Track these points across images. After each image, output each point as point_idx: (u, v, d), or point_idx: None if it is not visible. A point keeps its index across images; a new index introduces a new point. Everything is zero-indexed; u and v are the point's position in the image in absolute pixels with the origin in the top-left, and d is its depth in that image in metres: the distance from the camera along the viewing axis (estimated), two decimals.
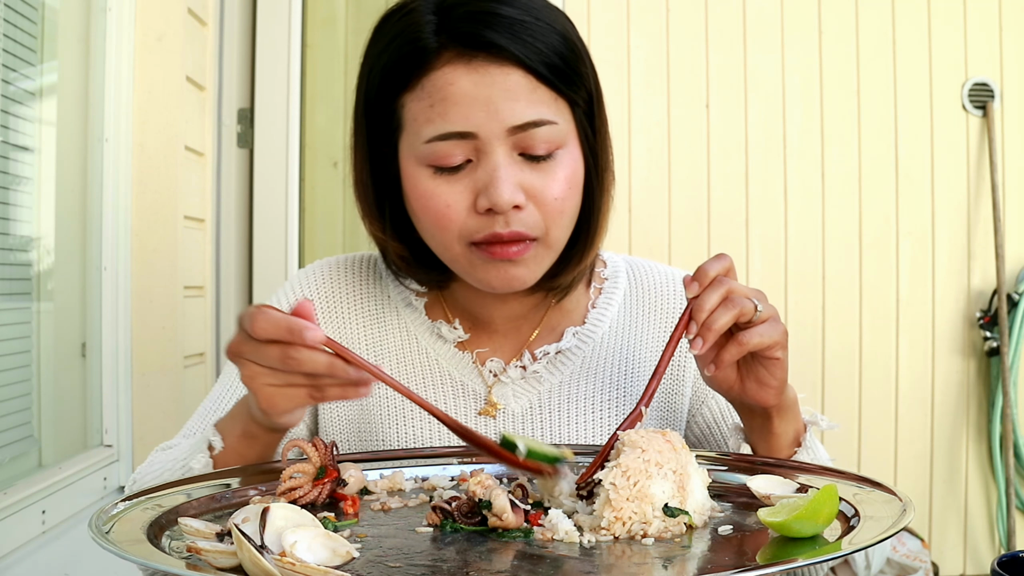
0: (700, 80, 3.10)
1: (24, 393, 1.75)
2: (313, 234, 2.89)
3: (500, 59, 0.99)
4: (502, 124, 0.99)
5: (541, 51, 1.00)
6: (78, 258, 1.98)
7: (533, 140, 1.01)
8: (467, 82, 0.99)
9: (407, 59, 1.01)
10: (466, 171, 1.02)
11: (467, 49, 0.99)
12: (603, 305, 1.20)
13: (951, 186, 3.15)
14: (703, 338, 0.93)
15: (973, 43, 3.14)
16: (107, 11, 2.01)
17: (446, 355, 1.16)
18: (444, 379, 1.16)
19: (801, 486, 0.88)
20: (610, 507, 0.79)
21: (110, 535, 0.74)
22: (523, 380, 1.15)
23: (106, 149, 2.00)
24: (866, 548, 0.70)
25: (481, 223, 1.02)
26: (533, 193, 1.02)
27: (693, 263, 3.45)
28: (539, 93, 1.01)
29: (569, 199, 1.04)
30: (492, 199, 0.99)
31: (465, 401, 1.15)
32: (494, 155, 1.00)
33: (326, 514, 0.84)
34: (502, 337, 1.18)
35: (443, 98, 0.99)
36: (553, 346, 1.16)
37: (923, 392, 3.15)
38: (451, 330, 1.16)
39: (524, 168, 1.02)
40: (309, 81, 2.87)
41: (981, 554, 3.17)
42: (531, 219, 1.02)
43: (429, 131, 1.00)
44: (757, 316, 0.95)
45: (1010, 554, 0.80)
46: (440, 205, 1.02)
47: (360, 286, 1.20)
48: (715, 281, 0.95)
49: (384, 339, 1.18)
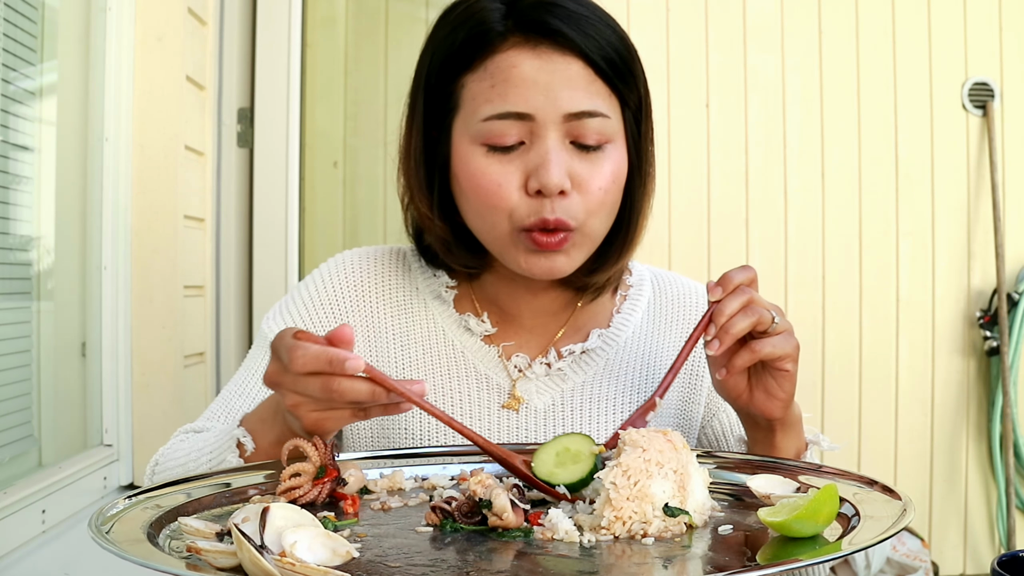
0: (700, 80, 3.10)
1: (24, 393, 1.75)
2: (313, 234, 2.89)
3: (563, 48, 1.04)
4: (559, 109, 1.03)
5: (601, 46, 1.05)
6: (78, 258, 1.98)
7: (585, 130, 1.05)
8: (529, 66, 1.04)
9: (473, 41, 1.06)
10: (518, 152, 1.05)
11: (533, 35, 1.04)
12: (628, 311, 1.23)
13: (951, 186, 3.15)
14: (720, 340, 0.97)
15: (973, 43, 3.14)
16: (107, 11, 2.01)
17: (472, 348, 1.18)
18: (469, 371, 1.17)
19: (801, 486, 0.88)
20: (610, 506, 0.79)
21: (110, 535, 0.74)
22: (547, 377, 1.17)
23: (106, 149, 2.00)
24: (866, 548, 0.70)
25: (531, 207, 1.05)
26: (579, 181, 1.05)
27: (693, 263, 3.43)
28: (596, 86, 1.05)
29: (611, 193, 1.07)
30: (542, 180, 1.03)
31: (489, 394, 1.16)
32: (548, 139, 1.04)
33: (326, 514, 0.84)
34: (528, 333, 1.19)
35: (505, 79, 1.04)
36: (579, 345, 1.18)
37: (923, 392, 3.15)
38: (479, 323, 1.18)
39: (573, 156, 1.05)
40: (309, 81, 2.87)
41: (981, 554, 3.17)
42: (574, 207, 1.05)
43: (487, 110, 1.04)
44: (773, 327, 0.99)
45: (1010, 554, 0.80)
46: (491, 183, 1.05)
47: (389, 276, 1.21)
48: (738, 289, 0.99)
49: (411, 330, 1.19)
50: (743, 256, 3.11)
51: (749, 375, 1.03)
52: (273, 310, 1.23)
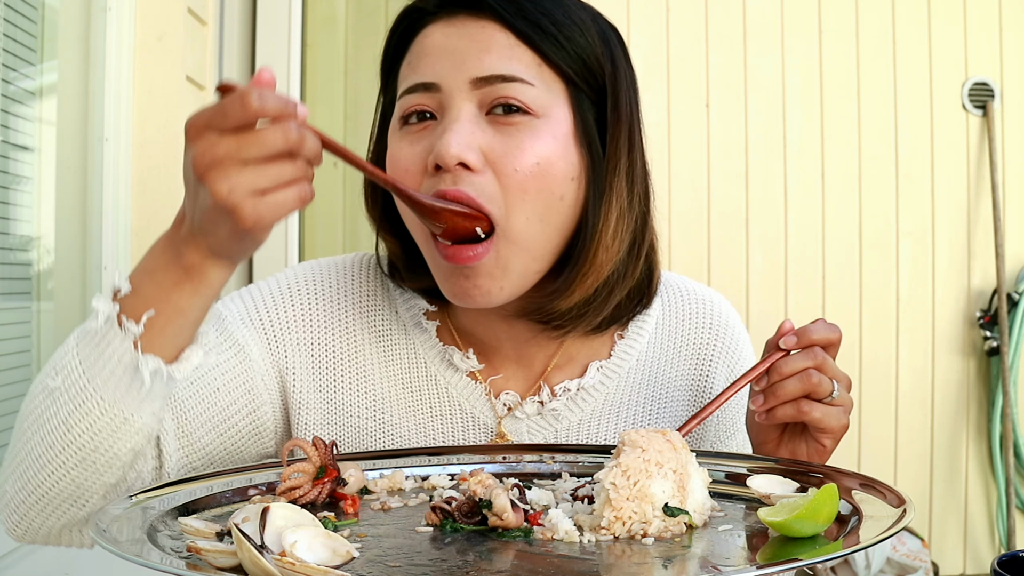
0: (700, 80, 3.10)
1: (24, 393, 1.75)
2: (313, 234, 2.89)
3: (479, 13, 0.95)
4: (466, 74, 0.93)
5: (527, 10, 0.95)
6: (78, 258, 1.98)
7: (499, 95, 0.93)
8: (440, 35, 0.96)
9: (407, 29, 1.00)
10: (428, 130, 0.95)
11: (452, 8, 0.96)
12: (633, 335, 1.10)
13: (951, 186, 3.15)
14: (766, 399, 0.93)
15: (973, 43, 3.14)
16: (107, 11, 2.01)
17: (457, 384, 1.06)
18: (454, 410, 1.06)
19: (801, 486, 0.88)
20: (610, 507, 0.79)
21: (110, 535, 0.74)
22: (539, 416, 1.06)
23: (106, 149, 2.01)
24: (866, 548, 0.70)
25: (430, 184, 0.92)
26: (492, 159, 0.92)
27: (693, 263, 3.42)
28: (517, 51, 0.94)
29: (535, 178, 0.92)
30: (437, 150, 0.91)
31: (476, 435, 1.06)
32: (453, 108, 0.93)
33: (326, 514, 0.84)
34: (514, 365, 1.07)
35: (418, 52, 0.97)
36: (575, 382, 1.06)
37: (923, 392, 3.15)
38: (464, 358, 1.06)
39: (488, 130, 0.93)
40: (309, 81, 2.87)
41: (981, 554, 3.17)
42: (488, 188, 0.92)
43: (401, 88, 0.97)
44: (830, 399, 0.94)
45: (1010, 554, 0.80)
46: (398, 171, 0.94)
47: (368, 298, 1.08)
48: (812, 348, 0.93)
49: (391, 360, 1.07)
50: (743, 255, 3.11)
51: (785, 427, 0.99)
52: (231, 295, 1.08)
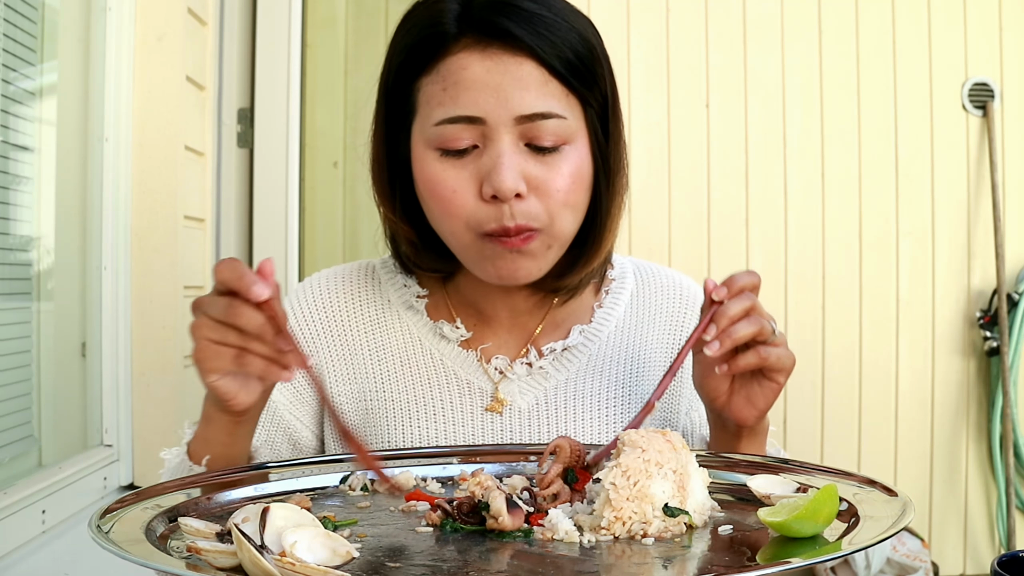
0: (700, 80, 3.10)
1: (24, 393, 1.76)
2: (313, 234, 2.89)
3: (515, 49, 1.02)
4: (510, 112, 1.01)
5: (557, 45, 1.02)
6: (78, 258, 1.99)
7: (540, 132, 1.02)
8: (480, 68, 1.01)
9: (426, 43, 1.04)
10: (471, 157, 1.04)
11: (484, 37, 1.02)
12: (610, 305, 1.22)
13: (951, 186, 3.15)
14: (721, 343, 0.96)
15: (973, 43, 3.14)
16: (107, 11, 2.01)
17: (450, 354, 1.16)
18: (450, 378, 1.16)
19: (801, 486, 0.88)
20: (610, 507, 0.79)
21: (110, 535, 0.74)
22: (529, 376, 1.16)
23: (106, 149, 2.01)
24: (866, 548, 0.70)
25: (489, 213, 1.03)
26: (536, 184, 1.03)
27: (693, 263, 3.42)
28: (550, 87, 1.03)
29: (573, 194, 1.05)
30: (495, 184, 1.01)
31: (471, 399, 1.15)
32: (500, 142, 1.02)
33: (326, 514, 0.84)
34: (506, 332, 1.18)
35: (455, 82, 1.02)
36: (560, 343, 1.17)
37: (923, 392, 3.15)
38: (453, 329, 1.17)
39: (529, 159, 1.03)
40: (309, 81, 2.87)
41: (981, 554, 3.17)
42: (534, 210, 1.03)
43: (439, 114, 1.03)
44: (772, 339, 0.98)
45: (1010, 554, 0.80)
46: (446, 190, 1.04)
47: (359, 293, 1.20)
48: (742, 293, 0.98)
49: (387, 343, 1.18)
50: (743, 255, 3.11)
51: (733, 378, 1.02)
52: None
